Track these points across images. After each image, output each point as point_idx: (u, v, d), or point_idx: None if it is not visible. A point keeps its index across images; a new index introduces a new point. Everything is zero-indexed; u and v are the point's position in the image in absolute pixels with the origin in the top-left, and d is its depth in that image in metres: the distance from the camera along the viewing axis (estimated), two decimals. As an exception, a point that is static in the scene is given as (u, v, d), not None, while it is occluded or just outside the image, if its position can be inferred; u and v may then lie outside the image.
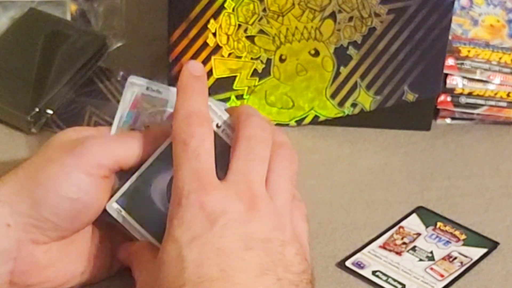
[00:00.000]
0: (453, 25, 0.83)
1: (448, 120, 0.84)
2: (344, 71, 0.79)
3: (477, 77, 0.82)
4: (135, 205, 0.59)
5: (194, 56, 0.78)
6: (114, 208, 0.59)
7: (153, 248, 0.57)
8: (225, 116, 0.59)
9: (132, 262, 0.59)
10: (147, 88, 0.63)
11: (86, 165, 0.58)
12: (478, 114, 0.82)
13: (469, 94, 0.82)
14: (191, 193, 0.53)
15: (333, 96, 0.80)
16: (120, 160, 0.59)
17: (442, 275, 0.65)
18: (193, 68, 0.59)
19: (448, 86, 0.82)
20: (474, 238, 0.69)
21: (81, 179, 0.57)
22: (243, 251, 0.52)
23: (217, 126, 0.59)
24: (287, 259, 0.53)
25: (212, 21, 0.77)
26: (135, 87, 0.63)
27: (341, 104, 0.80)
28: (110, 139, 0.60)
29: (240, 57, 0.79)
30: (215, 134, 0.57)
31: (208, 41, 0.78)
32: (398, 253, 0.67)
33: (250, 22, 0.77)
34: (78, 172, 0.57)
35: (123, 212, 0.59)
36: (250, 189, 0.55)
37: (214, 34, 0.78)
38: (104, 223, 0.62)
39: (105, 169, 0.58)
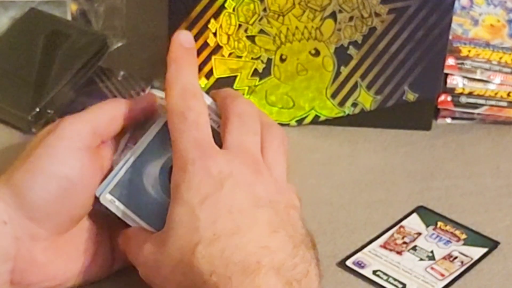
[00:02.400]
0: (453, 25, 0.83)
1: (448, 120, 0.84)
2: (345, 71, 0.79)
3: (477, 77, 0.82)
4: (128, 194, 0.60)
5: (195, 56, 0.79)
6: (108, 199, 0.60)
7: (148, 230, 0.58)
8: (209, 100, 0.60)
9: (130, 246, 0.59)
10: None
11: (64, 138, 0.58)
12: (478, 114, 0.82)
13: (470, 94, 0.82)
14: (196, 160, 0.55)
15: (333, 95, 0.80)
16: (97, 128, 0.60)
17: (442, 275, 0.65)
18: (183, 39, 0.60)
19: (448, 86, 0.82)
20: (475, 237, 0.69)
21: (63, 153, 0.58)
22: (254, 209, 0.54)
23: None
24: (293, 220, 0.55)
25: (212, 21, 0.77)
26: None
27: (341, 103, 0.81)
28: (83, 112, 0.61)
29: (240, 57, 0.79)
30: None
31: (208, 41, 0.78)
32: (399, 253, 0.67)
33: (251, 22, 0.77)
34: (58, 147, 0.58)
35: (117, 203, 0.60)
36: (251, 156, 0.56)
37: (215, 34, 0.78)
38: (104, 221, 0.62)
39: (84, 139, 0.59)
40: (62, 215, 0.59)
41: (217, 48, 0.78)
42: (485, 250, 0.67)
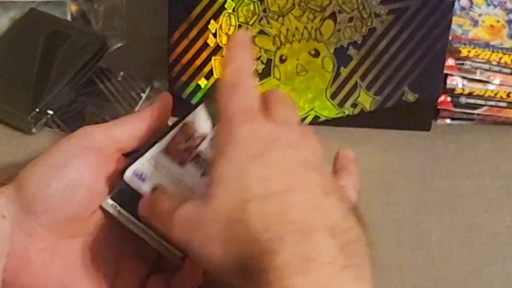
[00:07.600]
0: (453, 26, 0.83)
1: (448, 121, 0.84)
2: (344, 72, 0.79)
3: (477, 77, 0.82)
4: (130, 200, 0.58)
5: (194, 57, 0.79)
6: (109, 204, 0.59)
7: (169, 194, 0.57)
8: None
9: (159, 210, 0.56)
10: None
11: (75, 137, 0.59)
12: (478, 114, 0.83)
13: (469, 95, 0.82)
14: (242, 123, 0.53)
15: (333, 96, 0.80)
16: (115, 134, 0.60)
17: None
18: (242, 34, 0.60)
19: (448, 86, 0.82)
20: None
21: (68, 150, 0.58)
22: (304, 171, 0.52)
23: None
24: (339, 187, 0.55)
25: (212, 21, 0.77)
26: None
27: (341, 104, 0.81)
28: (108, 123, 0.61)
29: (240, 58, 0.79)
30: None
31: (208, 41, 0.78)
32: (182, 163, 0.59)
33: (250, 23, 0.78)
34: (66, 144, 0.58)
35: (119, 208, 0.59)
36: (296, 125, 0.55)
37: (215, 35, 0.78)
38: (109, 241, 0.61)
39: (96, 139, 0.59)
40: (60, 212, 0.57)
41: (217, 48, 0.78)
42: None
